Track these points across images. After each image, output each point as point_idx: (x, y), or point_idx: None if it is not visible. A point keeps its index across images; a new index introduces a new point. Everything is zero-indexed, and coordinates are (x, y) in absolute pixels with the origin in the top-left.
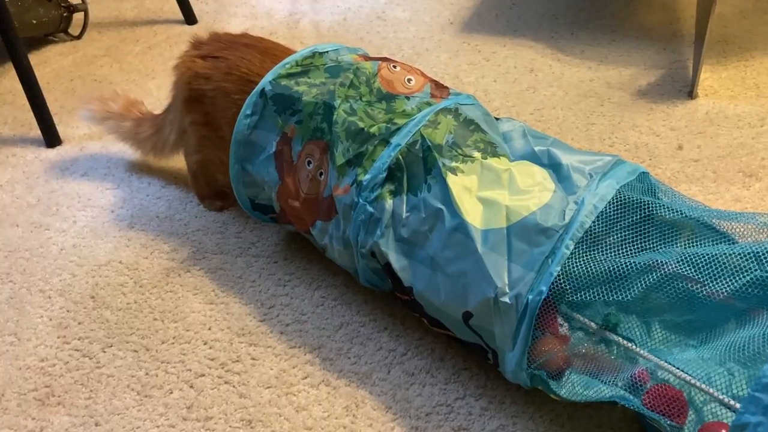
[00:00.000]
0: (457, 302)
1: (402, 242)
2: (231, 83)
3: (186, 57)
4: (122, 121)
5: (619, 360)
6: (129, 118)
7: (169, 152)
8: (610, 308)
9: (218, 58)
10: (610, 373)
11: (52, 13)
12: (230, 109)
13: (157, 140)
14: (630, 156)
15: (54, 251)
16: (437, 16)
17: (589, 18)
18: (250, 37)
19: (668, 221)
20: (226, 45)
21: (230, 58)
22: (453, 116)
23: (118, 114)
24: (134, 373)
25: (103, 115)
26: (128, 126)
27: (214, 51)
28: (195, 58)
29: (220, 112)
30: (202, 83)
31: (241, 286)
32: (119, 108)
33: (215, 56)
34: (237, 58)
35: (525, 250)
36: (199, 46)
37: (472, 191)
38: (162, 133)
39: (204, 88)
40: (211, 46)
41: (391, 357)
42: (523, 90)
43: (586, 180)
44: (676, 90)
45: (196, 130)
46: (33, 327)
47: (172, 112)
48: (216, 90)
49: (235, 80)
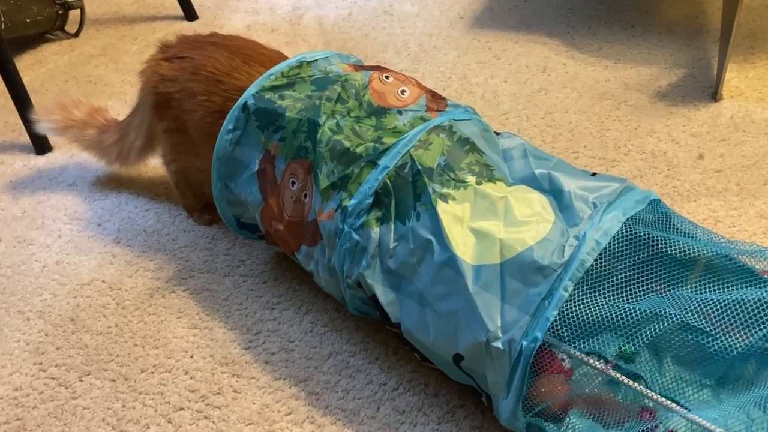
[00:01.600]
0: (447, 343)
1: (389, 274)
2: (197, 83)
3: (152, 60)
4: (85, 129)
5: (626, 402)
6: (92, 125)
7: (135, 159)
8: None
9: (184, 59)
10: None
11: (46, 11)
12: (197, 111)
13: (122, 147)
14: (647, 166)
15: (36, 268)
16: (447, 10)
17: (607, 11)
18: (219, 35)
19: (678, 260)
20: (192, 45)
21: (196, 58)
22: (447, 135)
23: (81, 122)
24: (111, 405)
25: (65, 124)
26: (92, 134)
27: (181, 52)
28: (161, 60)
29: (187, 114)
30: (169, 86)
31: (228, 309)
32: (82, 115)
33: (181, 57)
34: (203, 57)
35: (520, 289)
36: (166, 49)
37: (464, 221)
38: (126, 139)
39: (170, 91)
40: (178, 47)
41: (381, 392)
42: (534, 91)
43: (589, 210)
44: (698, 91)
45: (169, 137)
46: (9, 352)
47: (138, 117)
48: (182, 91)
49: (202, 80)
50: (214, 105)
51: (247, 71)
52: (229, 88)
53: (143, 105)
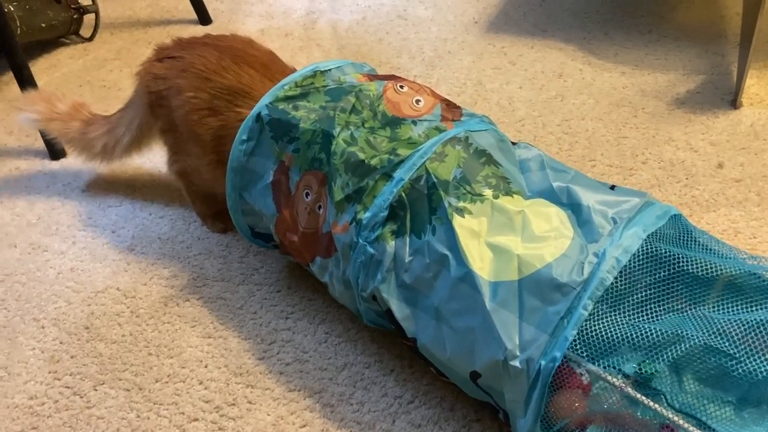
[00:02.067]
0: (463, 360)
1: (404, 288)
2: (184, 80)
3: (146, 62)
4: (70, 121)
5: (646, 418)
6: (77, 118)
7: (119, 154)
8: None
9: (175, 58)
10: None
11: (61, 16)
12: (182, 108)
13: (109, 140)
14: (665, 175)
15: (51, 275)
16: (461, 14)
17: (624, 16)
18: (211, 36)
19: (699, 278)
20: (184, 46)
21: (186, 57)
22: (462, 147)
23: (66, 114)
24: (125, 415)
25: (50, 116)
26: (76, 126)
27: (172, 52)
28: (154, 61)
29: (175, 111)
30: (159, 84)
31: (242, 318)
32: (67, 108)
33: (172, 57)
34: (193, 56)
35: (538, 307)
36: (161, 51)
37: (481, 236)
38: (114, 132)
39: (161, 89)
40: (171, 48)
41: (396, 405)
42: (550, 98)
43: (609, 225)
44: (717, 98)
45: (165, 138)
46: (24, 360)
47: (130, 113)
48: (170, 89)
49: (189, 77)
50: (201, 102)
51: (235, 71)
52: (217, 86)
53: (136, 103)
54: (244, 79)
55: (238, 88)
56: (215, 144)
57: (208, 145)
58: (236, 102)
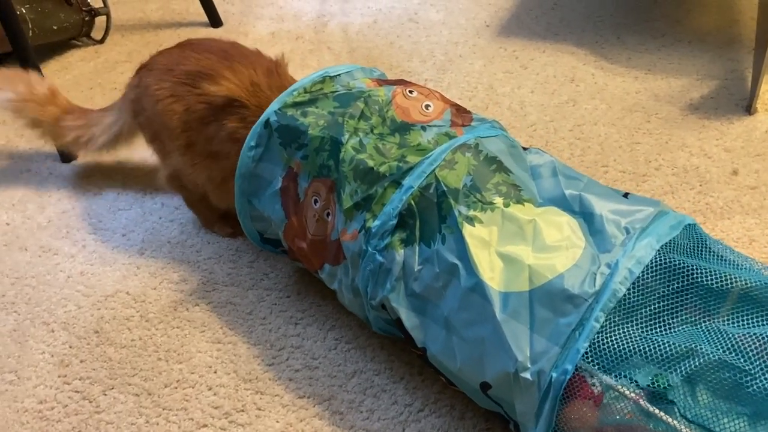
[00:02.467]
0: (474, 371)
1: (414, 297)
2: (150, 77)
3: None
4: (47, 105)
5: (658, 430)
6: (55, 104)
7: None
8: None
9: (146, 65)
10: None
11: (73, 18)
12: (151, 103)
13: (83, 134)
14: (678, 181)
15: (61, 279)
16: (473, 18)
17: (637, 20)
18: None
19: (714, 289)
20: (161, 52)
21: (154, 59)
22: (472, 154)
23: (43, 97)
24: (134, 420)
25: (27, 97)
26: (52, 111)
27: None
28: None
29: (147, 111)
30: (135, 91)
31: (251, 324)
32: (45, 91)
33: (146, 63)
34: (160, 56)
35: (549, 319)
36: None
37: (491, 245)
38: (90, 129)
39: (137, 95)
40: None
41: (406, 413)
42: (562, 102)
43: (622, 235)
44: (732, 104)
45: (153, 147)
46: (34, 364)
47: (111, 117)
48: (141, 90)
49: (155, 73)
50: (165, 91)
51: (196, 57)
52: (178, 73)
53: (119, 110)
54: (204, 62)
55: (197, 71)
56: (183, 129)
57: (176, 132)
58: (197, 84)
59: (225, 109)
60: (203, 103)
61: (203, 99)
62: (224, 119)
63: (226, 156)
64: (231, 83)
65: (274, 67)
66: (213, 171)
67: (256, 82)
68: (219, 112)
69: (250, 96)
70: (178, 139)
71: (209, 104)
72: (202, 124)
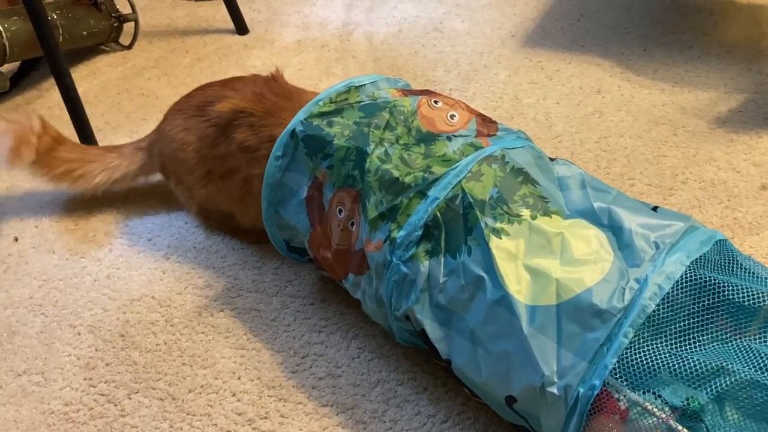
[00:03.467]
0: (499, 384)
1: (439, 309)
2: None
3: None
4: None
5: None
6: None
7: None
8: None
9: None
10: None
11: (102, 24)
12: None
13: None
14: (706, 195)
15: (88, 282)
16: (498, 28)
17: (664, 32)
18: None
19: (745, 307)
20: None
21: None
22: (499, 165)
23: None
24: (158, 424)
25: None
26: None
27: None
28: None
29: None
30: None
31: (275, 331)
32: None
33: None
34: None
35: (577, 333)
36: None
37: (518, 258)
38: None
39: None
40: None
41: (429, 424)
42: (588, 114)
43: (651, 250)
44: (760, 118)
45: (178, 191)
46: (61, 366)
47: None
48: (156, 134)
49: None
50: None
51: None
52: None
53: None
54: (208, 93)
55: (204, 101)
56: (198, 160)
57: (192, 163)
58: (205, 113)
59: (232, 123)
60: (212, 126)
61: (211, 122)
62: (232, 133)
63: (237, 169)
64: (234, 98)
65: (271, 78)
66: (231, 190)
67: (259, 92)
68: (227, 127)
69: (255, 104)
70: (195, 171)
71: (217, 125)
72: (213, 146)
